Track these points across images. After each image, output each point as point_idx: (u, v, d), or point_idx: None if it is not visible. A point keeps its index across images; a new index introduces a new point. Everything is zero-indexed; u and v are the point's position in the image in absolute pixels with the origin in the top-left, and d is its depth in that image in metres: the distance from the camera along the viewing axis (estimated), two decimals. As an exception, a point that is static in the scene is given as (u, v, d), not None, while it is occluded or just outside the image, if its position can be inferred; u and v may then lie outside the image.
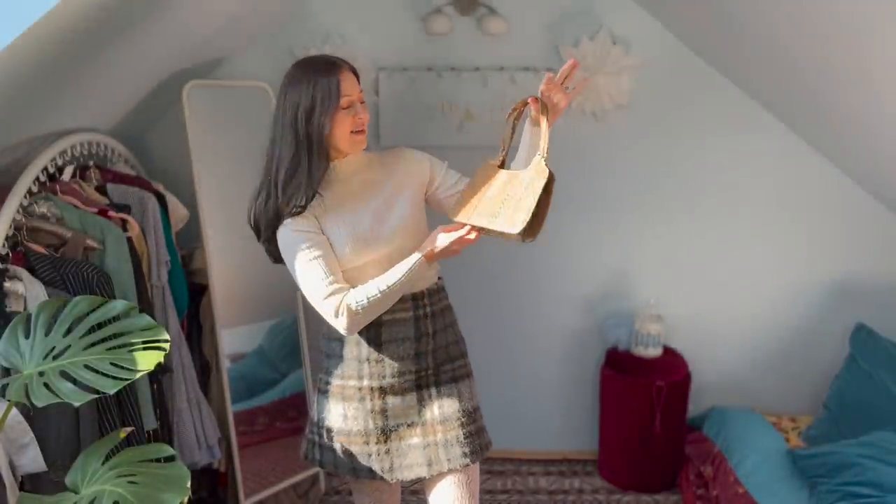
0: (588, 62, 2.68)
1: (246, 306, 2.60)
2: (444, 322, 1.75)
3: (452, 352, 1.76)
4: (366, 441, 1.69)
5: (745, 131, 2.82)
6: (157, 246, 2.21)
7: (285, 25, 2.72)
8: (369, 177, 1.68)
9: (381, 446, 1.69)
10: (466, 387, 1.75)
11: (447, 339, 1.75)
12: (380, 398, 1.68)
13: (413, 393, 1.70)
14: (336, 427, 1.71)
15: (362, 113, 1.60)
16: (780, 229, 2.91)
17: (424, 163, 1.74)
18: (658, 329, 2.83)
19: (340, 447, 1.71)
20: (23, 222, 1.85)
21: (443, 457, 1.68)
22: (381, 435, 1.69)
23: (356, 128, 1.59)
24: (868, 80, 2.08)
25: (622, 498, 2.87)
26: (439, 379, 1.72)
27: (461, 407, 1.71)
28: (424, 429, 1.70)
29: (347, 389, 1.70)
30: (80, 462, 1.29)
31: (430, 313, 1.71)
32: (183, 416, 2.27)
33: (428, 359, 1.71)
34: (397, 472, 1.69)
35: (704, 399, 3.03)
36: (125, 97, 2.36)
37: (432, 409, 1.70)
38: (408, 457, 1.69)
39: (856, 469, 2.18)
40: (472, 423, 1.72)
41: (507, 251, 2.89)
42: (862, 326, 2.79)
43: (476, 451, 1.71)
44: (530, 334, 3.04)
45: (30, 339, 1.32)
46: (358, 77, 1.62)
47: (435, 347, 1.72)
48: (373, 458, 1.68)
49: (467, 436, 1.70)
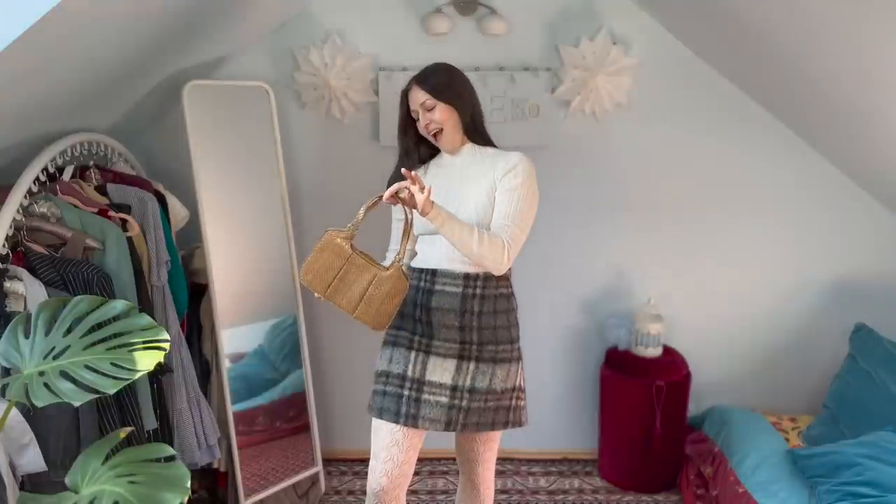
0: (588, 62, 2.68)
1: (246, 306, 2.60)
2: (494, 307, 1.93)
3: (501, 336, 1.94)
4: (400, 385, 1.90)
5: (744, 131, 2.82)
6: (157, 246, 2.21)
7: (285, 25, 2.72)
8: (466, 172, 1.94)
9: (412, 393, 1.89)
10: (503, 369, 1.94)
11: (496, 322, 1.94)
12: (424, 353, 1.91)
13: (454, 360, 1.91)
14: (381, 368, 1.95)
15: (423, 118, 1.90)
16: (780, 229, 2.91)
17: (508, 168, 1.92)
18: (658, 329, 2.83)
19: (380, 388, 1.93)
20: (23, 222, 1.85)
21: (459, 419, 1.90)
22: (416, 384, 1.90)
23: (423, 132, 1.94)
24: (868, 80, 2.08)
25: (622, 498, 2.87)
26: (481, 356, 1.92)
27: (490, 385, 1.91)
28: (453, 393, 1.89)
29: (400, 338, 1.95)
30: (80, 462, 1.29)
31: (480, 295, 1.91)
32: (183, 416, 2.27)
33: (472, 334, 1.91)
34: (420, 421, 1.88)
35: (704, 399, 3.03)
36: (125, 97, 2.35)
37: (465, 378, 1.90)
38: (433, 411, 1.88)
39: (856, 469, 2.18)
40: (494, 399, 1.93)
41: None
42: (862, 326, 2.79)
43: (485, 423, 1.93)
44: (530, 334, 3.02)
45: (30, 339, 1.32)
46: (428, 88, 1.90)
47: (480, 326, 1.91)
48: (402, 401, 1.89)
49: (485, 409, 1.91)
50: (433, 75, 1.92)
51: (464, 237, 1.79)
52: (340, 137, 2.83)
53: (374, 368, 1.99)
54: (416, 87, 1.91)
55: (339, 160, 2.86)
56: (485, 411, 1.92)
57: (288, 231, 2.68)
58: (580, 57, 2.68)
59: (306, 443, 2.79)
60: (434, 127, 1.90)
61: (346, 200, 2.90)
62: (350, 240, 1.79)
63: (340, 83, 2.70)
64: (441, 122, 1.89)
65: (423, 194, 1.71)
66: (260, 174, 2.63)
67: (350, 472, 3.04)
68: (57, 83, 1.80)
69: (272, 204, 2.65)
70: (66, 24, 1.48)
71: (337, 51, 2.68)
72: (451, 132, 1.92)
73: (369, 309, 1.74)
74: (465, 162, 1.95)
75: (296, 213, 2.81)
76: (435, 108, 1.88)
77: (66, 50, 1.64)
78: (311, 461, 2.81)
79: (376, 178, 2.17)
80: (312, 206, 2.90)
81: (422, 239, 1.95)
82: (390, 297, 1.75)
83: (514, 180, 1.88)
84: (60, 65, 1.70)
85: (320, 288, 1.77)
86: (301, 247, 2.85)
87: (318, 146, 2.85)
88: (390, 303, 1.75)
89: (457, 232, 1.79)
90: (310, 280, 1.78)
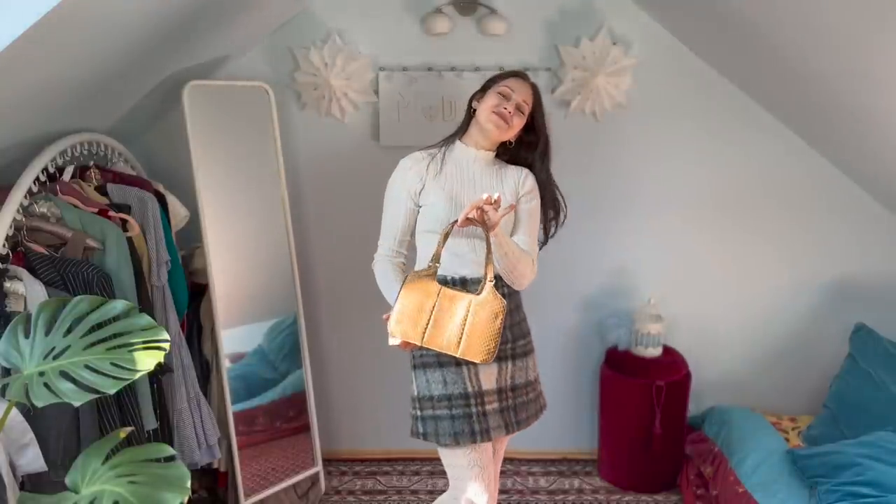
0: (588, 62, 2.68)
1: (246, 306, 2.60)
2: (514, 302, 1.96)
3: (524, 328, 2.00)
4: (467, 403, 1.85)
5: (744, 131, 2.82)
6: (157, 246, 2.21)
7: (285, 25, 2.72)
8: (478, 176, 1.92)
9: (479, 409, 1.86)
10: (531, 360, 2.00)
11: (519, 317, 1.99)
12: (473, 364, 1.84)
13: (496, 364, 1.89)
14: (437, 393, 1.86)
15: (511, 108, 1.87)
16: (779, 229, 2.91)
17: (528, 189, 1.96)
18: (658, 329, 2.83)
19: (444, 413, 1.85)
20: (23, 222, 1.85)
21: (513, 419, 1.92)
22: (479, 398, 1.87)
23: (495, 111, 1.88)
24: (868, 80, 2.08)
25: (622, 498, 2.87)
26: (516, 353, 1.94)
27: (527, 378, 1.97)
28: (500, 395, 1.91)
29: (443, 356, 1.84)
30: (80, 462, 1.29)
31: (508, 293, 1.91)
32: (183, 416, 2.27)
33: (507, 333, 1.90)
34: (492, 433, 1.87)
35: (704, 399, 3.03)
36: (125, 97, 2.35)
37: (506, 377, 1.92)
38: (495, 419, 1.88)
39: (856, 469, 2.18)
40: (532, 391, 2.00)
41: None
42: (862, 326, 2.79)
43: (532, 415, 1.98)
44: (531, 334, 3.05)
45: (30, 339, 1.32)
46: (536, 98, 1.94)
47: (511, 323, 1.92)
48: (474, 419, 1.85)
49: (528, 402, 1.97)
50: (538, 93, 1.94)
51: (515, 251, 1.82)
52: (340, 137, 2.83)
53: (418, 393, 1.90)
54: (530, 87, 1.92)
55: (339, 160, 2.86)
56: (527, 404, 1.97)
57: (288, 231, 2.68)
58: (580, 57, 2.68)
59: (306, 443, 2.79)
60: (507, 122, 1.86)
61: (347, 200, 2.92)
62: (434, 276, 1.72)
63: (340, 83, 2.70)
64: (515, 126, 1.89)
65: (500, 214, 1.68)
66: (260, 174, 2.63)
67: (350, 472, 3.04)
68: (57, 83, 1.80)
69: (272, 204, 2.65)
70: (66, 24, 1.48)
71: (337, 51, 2.68)
72: (508, 133, 1.90)
73: (471, 340, 1.66)
74: (481, 166, 1.94)
75: (296, 213, 2.81)
76: (524, 114, 1.90)
77: (66, 50, 1.64)
78: (311, 461, 2.81)
79: (376, 177, 2.17)
80: (312, 206, 2.90)
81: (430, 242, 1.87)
82: (490, 321, 1.67)
83: (532, 202, 1.93)
84: (60, 65, 1.70)
85: (415, 334, 1.67)
86: (301, 247, 2.86)
87: (318, 146, 2.85)
88: (492, 327, 1.67)
89: (512, 248, 1.81)
90: (403, 329, 1.69)
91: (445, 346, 1.68)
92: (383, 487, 2.93)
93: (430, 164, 1.92)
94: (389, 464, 3.09)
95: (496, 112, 1.85)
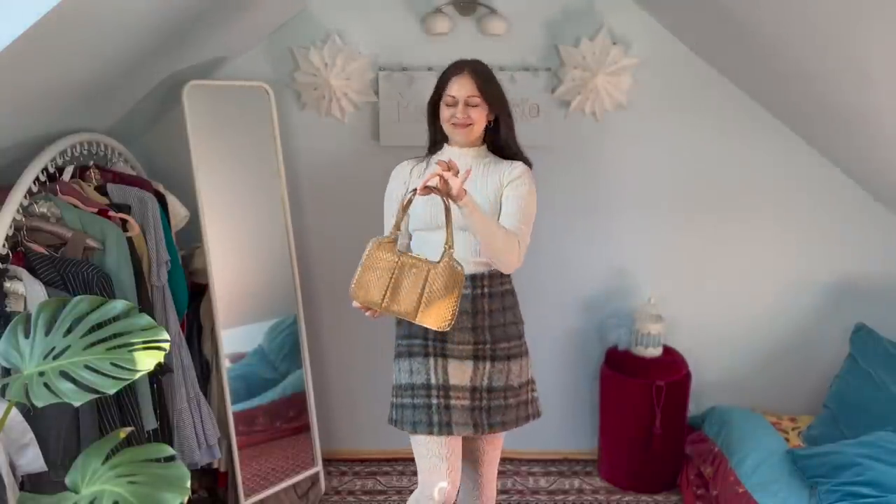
0: (588, 62, 2.68)
1: (246, 306, 2.60)
2: (502, 303, 1.94)
3: (510, 332, 1.95)
4: (428, 394, 1.88)
5: (744, 131, 2.82)
6: (157, 246, 2.21)
7: (285, 25, 2.72)
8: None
9: (441, 401, 1.87)
10: (517, 365, 1.96)
11: (505, 318, 1.95)
12: (442, 357, 1.89)
13: (470, 361, 1.90)
14: (404, 382, 1.92)
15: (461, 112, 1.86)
16: (780, 229, 2.91)
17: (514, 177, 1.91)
18: (658, 329, 2.83)
19: (407, 401, 1.90)
20: (23, 222, 1.85)
21: (484, 420, 1.91)
22: (442, 391, 1.88)
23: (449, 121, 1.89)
24: (868, 80, 2.08)
25: (622, 498, 2.87)
26: (495, 355, 1.92)
27: (508, 382, 1.93)
28: (473, 394, 1.90)
29: (414, 346, 1.92)
30: (80, 462, 1.29)
31: (489, 294, 1.91)
32: (183, 416, 2.27)
33: (485, 334, 1.90)
34: (454, 428, 1.87)
35: (704, 399, 3.03)
36: (125, 97, 2.35)
37: (483, 378, 1.90)
38: (461, 416, 1.88)
39: (856, 469, 2.18)
40: (514, 395, 1.95)
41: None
42: (862, 326, 2.79)
43: (510, 421, 1.95)
44: (530, 334, 3.01)
45: (30, 339, 1.32)
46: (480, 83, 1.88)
47: (492, 324, 1.91)
48: (433, 410, 1.87)
49: (506, 406, 1.93)
50: (483, 71, 1.90)
51: (491, 228, 1.75)
52: (340, 137, 2.83)
53: (394, 381, 1.96)
54: (469, 76, 1.87)
55: (339, 160, 2.86)
56: (507, 409, 1.93)
57: (288, 231, 2.68)
58: (580, 57, 2.68)
59: (306, 443, 2.79)
60: (467, 122, 1.87)
61: (347, 200, 2.92)
62: (395, 243, 1.74)
63: (340, 83, 2.70)
64: (477, 120, 1.88)
65: (459, 179, 1.65)
66: (260, 174, 2.63)
67: (350, 472, 3.04)
68: (57, 83, 1.80)
69: (272, 204, 2.65)
70: (66, 24, 1.48)
71: (337, 51, 2.68)
72: (476, 130, 1.91)
73: (429, 308, 1.68)
74: (468, 162, 1.91)
75: (296, 213, 2.81)
76: (478, 105, 1.87)
77: (66, 50, 1.64)
78: (311, 461, 2.81)
79: (376, 177, 2.17)
80: (312, 206, 2.90)
81: (423, 241, 1.91)
82: (448, 290, 1.68)
83: (521, 188, 1.88)
84: (60, 65, 1.70)
85: (376, 299, 1.70)
86: (301, 247, 2.86)
87: (318, 146, 2.85)
88: (450, 297, 1.68)
89: (485, 222, 1.74)
90: (362, 296, 1.71)
91: (404, 312, 1.70)
92: (383, 487, 2.93)
93: (415, 169, 1.97)
94: (389, 464, 3.09)
95: (452, 124, 1.89)
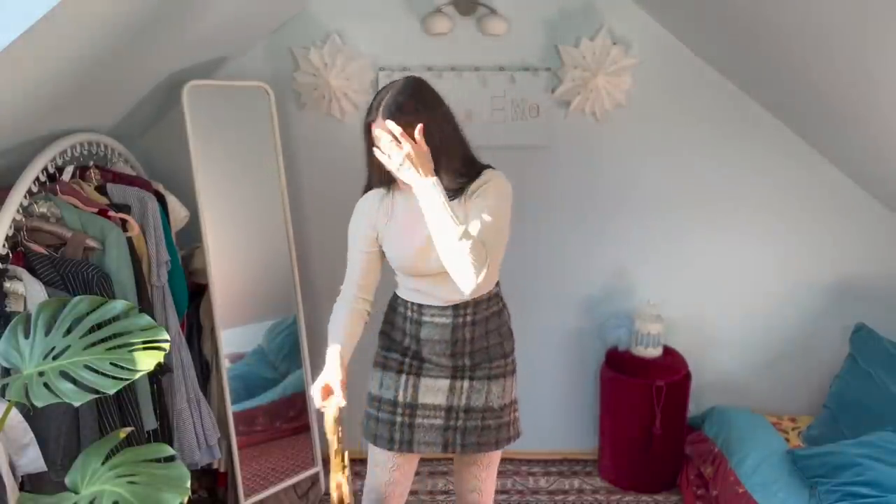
0: (588, 62, 2.68)
1: (246, 306, 2.60)
2: (486, 328, 1.84)
3: (493, 353, 1.86)
4: (392, 411, 1.85)
5: (744, 131, 2.82)
6: (157, 246, 2.21)
7: (285, 25, 2.72)
8: None
9: (405, 419, 1.84)
10: (499, 385, 1.86)
11: (489, 341, 1.85)
12: (415, 376, 1.84)
13: (447, 380, 1.83)
14: (373, 393, 1.89)
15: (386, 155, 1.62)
16: (780, 229, 2.91)
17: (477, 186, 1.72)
18: (658, 329, 2.83)
19: (373, 412, 1.88)
20: (23, 222, 1.85)
21: (457, 440, 1.83)
22: (408, 409, 1.84)
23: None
24: (868, 80, 2.08)
25: (622, 498, 2.87)
26: (474, 375, 1.84)
27: (487, 403, 1.84)
28: (448, 414, 1.83)
29: (390, 361, 1.88)
30: (80, 462, 1.29)
31: (472, 321, 1.82)
32: (183, 416, 2.27)
33: (465, 359, 1.83)
34: (415, 446, 1.83)
35: (704, 399, 3.03)
36: (125, 97, 2.35)
37: (460, 398, 1.83)
38: (428, 435, 1.83)
39: (856, 469, 2.18)
40: (494, 417, 1.85)
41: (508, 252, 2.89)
42: (862, 326, 2.79)
43: (488, 443, 1.85)
44: (530, 334, 3.03)
45: (30, 339, 1.32)
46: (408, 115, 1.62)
47: (473, 350, 1.83)
48: (395, 427, 1.84)
49: (484, 428, 1.84)
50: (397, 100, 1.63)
51: (443, 217, 1.56)
52: (340, 137, 2.83)
53: (368, 390, 1.94)
54: (382, 123, 1.63)
55: (339, 160, 2.85)
56: (485, 430, 1.84)
57: (288, 231, 2.68)
58: (580, 57, 2.68)
59: (306, 443, 2.79)
60: (401, 165, 1.60)
61: (346, 200, 2.90)
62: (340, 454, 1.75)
63: (340, 83, 2.70)
64: (412, 149, 1.58)
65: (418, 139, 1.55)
66: (260, 174, 2.63)
67: (350, 472, 3.04)
68: (57, 83, 1.80)
69: (272, 204, 2.65)
70: (66, 24, 1.48)
71: (337, 51, 2.68)
72: (425, 164, 1.60)
73: None
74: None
75: (296, 214, 2.81)
76: (406, 139, 1.58)
77: (65, 50, 1.64)
78: (311, 461, 2.81)
79: (376, 178, 2.16)
80: (312, 206, 2.90)
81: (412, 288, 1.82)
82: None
83: (487, 200, 1.66)
84: (60, 65, 1.70)
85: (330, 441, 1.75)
86: (301, 247, 2.86)
87: (318, 146, 2.85)
88: None
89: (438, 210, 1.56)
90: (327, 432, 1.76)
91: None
92: (383, 487, 2.93)
93: (381, 207, 1.80)
94: (389, 464, 3.09)
95: (390, 169, 1.65)
